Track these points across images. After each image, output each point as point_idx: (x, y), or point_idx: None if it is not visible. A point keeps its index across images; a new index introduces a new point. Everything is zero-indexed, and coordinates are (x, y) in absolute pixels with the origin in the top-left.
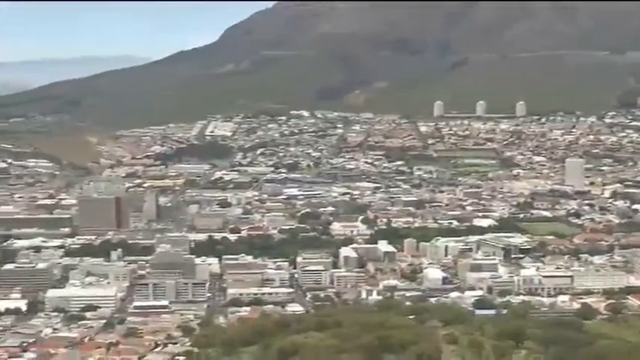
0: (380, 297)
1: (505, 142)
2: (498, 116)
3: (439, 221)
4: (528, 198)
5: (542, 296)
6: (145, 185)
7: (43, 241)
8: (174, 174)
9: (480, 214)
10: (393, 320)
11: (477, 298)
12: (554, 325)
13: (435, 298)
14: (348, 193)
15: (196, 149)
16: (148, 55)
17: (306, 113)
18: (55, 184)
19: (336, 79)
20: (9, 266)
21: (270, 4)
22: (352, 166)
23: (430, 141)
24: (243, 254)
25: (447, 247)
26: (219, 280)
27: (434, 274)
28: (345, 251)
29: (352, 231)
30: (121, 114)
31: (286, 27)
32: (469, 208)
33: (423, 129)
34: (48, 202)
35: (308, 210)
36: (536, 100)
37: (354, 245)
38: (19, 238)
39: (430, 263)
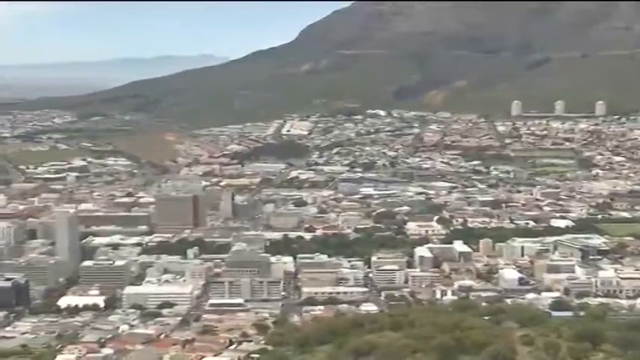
0: (455, 297)
1: (584, 142)
2: (577, 116)
3: (516, 221)
4: (607, 199)
5: (621, 298)
6: (222, 184)
7: (121, 239)
8: (250, 173)
9: (558, 214)
10: (468, 321)
11: (553, 299)
12: (632, 328)
13: (511, 299)
14: (423, 193)
15: (273, 148)
16: (226, 55)
17: (382, 112)
18: (134, 182)
19: (413, 78)
20: (88, 263)
21: (348, 3)
22: (428, 166)
23: (507, 140)
24: (318, 253)
25: (523, 247)
26: (294, 278)
27: (510, 275)
28: (420, 251)
29: (427, 231)
30: (199, 113)
31: (364, 26)
32: (546, 208)
33: (500, 128)
34: (126, 200)
35: (383, 209)
36: (616, 100)
37: (430, 245)
38: (98, 236)
39: (506, 264)
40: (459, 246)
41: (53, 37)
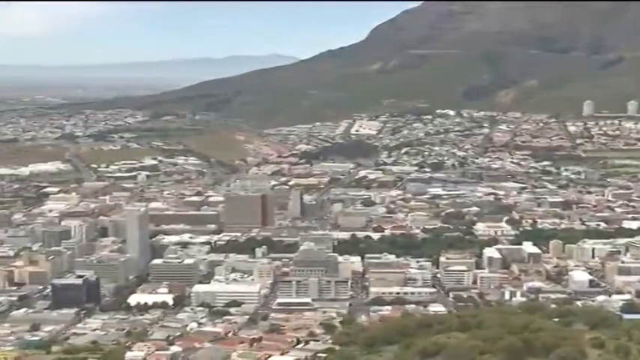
0: (524, 299)
1: None
2: None
3: (586, 223)
4: None
5: None
6: (291, 183)
7: (190, 237)
8: (318, 172)
9: (630, 216)
10: (537, 322)
11: (624, 301)
12: None
13: (581, 301)
14: (493, 193)
15: (341, 148)
16: (296, 54)
17: (452, 112)
18: (203, 181)
19: (483, 77)
20: (157, 261)
21: (418, 3)
22: (498, 166)
23: (579, 141)
24: (385, 253)
25: (594, 249)
26: (362, 278)
27: (580, 277)
28: (489, 252)
29: (496, 231)
30: (268, 112)
31: (434, 25)
32: (618, 209)
33: (571, 129)
34: (196, 199)
35: (452, 210)
36: None
37: (498, 246)
38: (168, 234)
39: (576, 265)
40: (528, 247)
41: (127, 38)
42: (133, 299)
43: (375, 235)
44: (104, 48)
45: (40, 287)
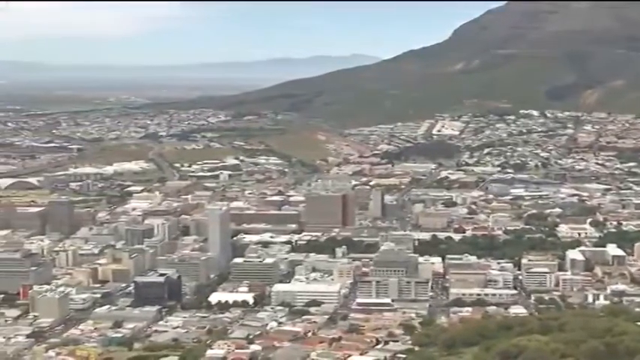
0: (607, 302)
1: None
2: None
3: None
4: None
5: None
6: (371, 183)
7: (271, 237)
8: (400, 172)
9: None
10: (620, 326)
11: None
12: None
13: None
14: (576, 195)
15: (423, 148)
16: (378, 54)
17: (535, 113)
18: (285, 181)
19: (567, 77)
20: (238, 260)
21: (502, 3)
22: (582, 167)
23: None
24: (466, 254)
25: None
26: (442, 279)
27: None
28: (572, 254)
29: (580, 233)
30: (350, 112)
31: (517, 25)
32: None
33: None
34: (277, 198)
35: (534, 211)
36: None
37: (582, 248)
38: (249, 233)
39: None
40: (612, 249)
41: (211, 38)
42: (214, 298)
43: (456, 236)
44: (189, 49)
45: (123, 285)
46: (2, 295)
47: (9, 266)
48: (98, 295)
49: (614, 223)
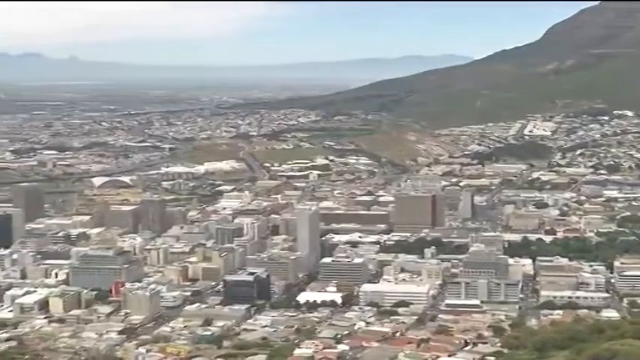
0: None
1: None
2: None
3: None
4: None
5: None
6: (462, 184)
7: (360, 237)
8: (490, 173)
9: None
10: None
11: None
12: None
13: None
14: None
15: (514, 149)
16: (469, 54)
17: (630, 113)
18: (374, 181)
19: None
20: (327, 260)
21: (596, 2)
22: None
23: None
24: (557, 256)
25: None
26: (533, 281)
27: None
28: None
29: None
30: (441, 112)
31: (611, 25)
32: None
33: None
34: (366, 198)
35: (628, 213)
36: None
37: None
38: (338, 233)
39: None
40: None
41: (305, 38)
42: (303, 297)
43: (547, 238)
44: (281, 49)
45: (213, 283)
46: (95, 292)
47: (102, 263)
48: (188, 293)
49: None
